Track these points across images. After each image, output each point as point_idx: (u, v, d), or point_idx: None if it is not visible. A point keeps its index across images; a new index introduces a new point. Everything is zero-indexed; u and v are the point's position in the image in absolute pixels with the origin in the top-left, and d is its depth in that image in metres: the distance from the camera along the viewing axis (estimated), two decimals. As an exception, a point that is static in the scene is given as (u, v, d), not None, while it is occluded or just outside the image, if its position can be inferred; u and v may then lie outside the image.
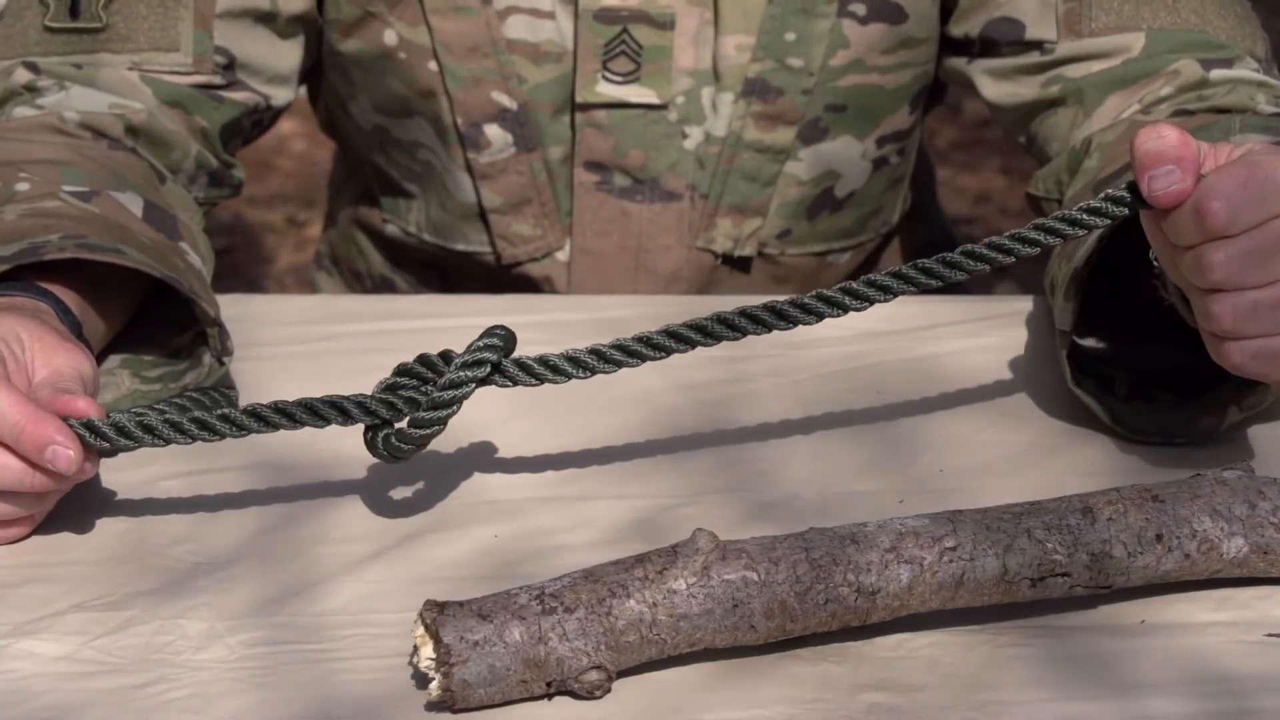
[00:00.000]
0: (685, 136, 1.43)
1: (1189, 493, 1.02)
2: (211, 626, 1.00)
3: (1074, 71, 1.34)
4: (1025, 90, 1.36)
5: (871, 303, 1.06)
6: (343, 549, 1.07)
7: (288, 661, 0.97)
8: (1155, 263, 1.10)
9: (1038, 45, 1.35)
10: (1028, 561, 0.98)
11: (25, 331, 1.08)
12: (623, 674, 0.95)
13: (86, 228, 1.17)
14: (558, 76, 1.41)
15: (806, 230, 1.48)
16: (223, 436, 1.05)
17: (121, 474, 1.13)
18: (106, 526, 1.08)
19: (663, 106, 1.41)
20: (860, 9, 1.40)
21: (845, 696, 0.95)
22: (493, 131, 1.42)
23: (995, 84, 1.39)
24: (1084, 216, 1.05)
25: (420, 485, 1.13)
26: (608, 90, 1.40)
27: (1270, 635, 1.01)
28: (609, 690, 0.94)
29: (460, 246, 1.49)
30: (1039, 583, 0.99)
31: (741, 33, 1.39)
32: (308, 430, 1.17)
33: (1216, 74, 1.30)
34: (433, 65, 1.41)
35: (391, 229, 1.53)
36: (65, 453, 1.03)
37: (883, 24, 1.41)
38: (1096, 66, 1.33)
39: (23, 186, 1.21)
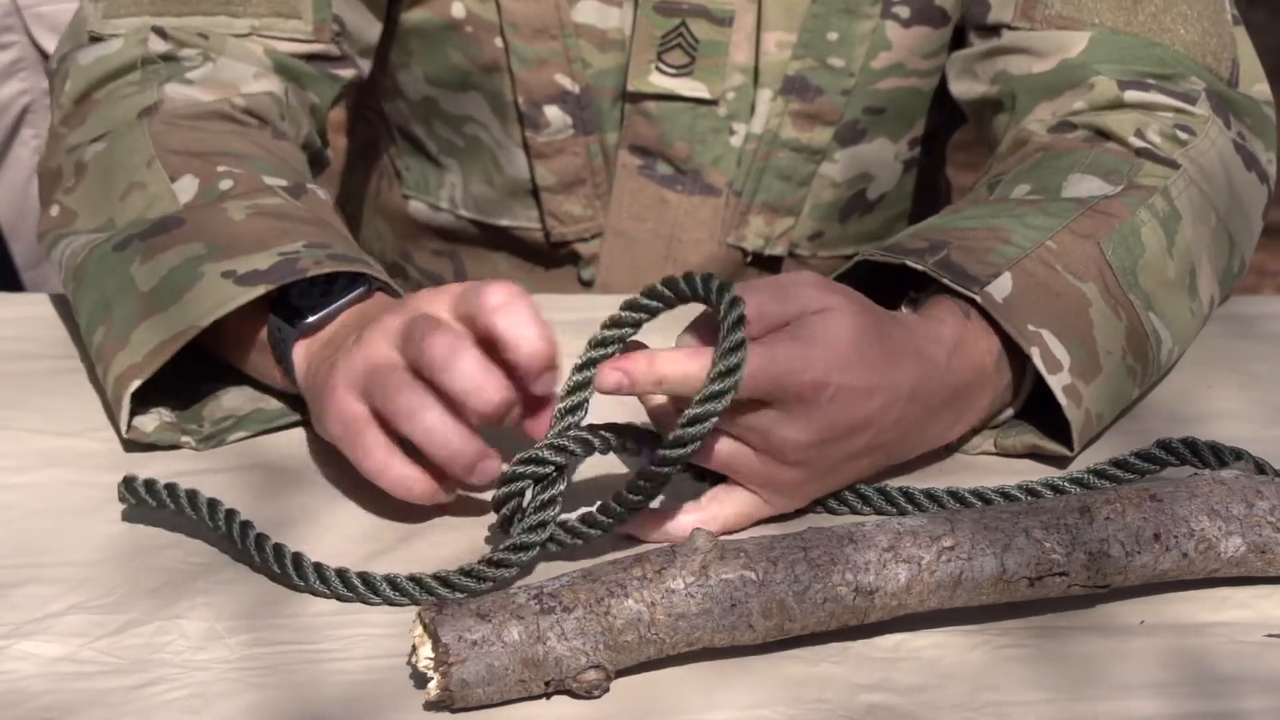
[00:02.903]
0: (733, 133, 1.43)
1: (1187, 492, 1.02)
2: (211, 626, 1.00)
3: (1015, 68, 1.34)
4: (978, 86, 1.37)
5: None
6: (343, 549, 1.06)
7: (287, 661, 0.97)
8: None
9: (995, 29, 1.35)
10: (1026, 561, 0.98)
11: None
12: (621, 673, 0.95)
13: (320, 233, 1.16)
14: (621, 64, 1.41)
15: (838, 233, 1.49)
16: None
17: (121, 474, 1.13)
18: (106, 527, 1.08)
19: (713, 102, 1.41)
20: (904, 11, 1.40)
21: (845, 696, 0.95)
22: (552, 112, 1.43)
23: (957, 80, 1.39)
24: None
25: (420, 485, 1.13)
26: (659, 81, 1.41)
27: (1270, 635, 1.01)
28: (607, 690, 0.94)
29: (505, 222, 1.49)
30: (1037, 582, 0.99)
31: (783, 30, 1.40)
32: (308, 430, 1.17)
33: (1131, 95, 1.29)
34: (498, 42, 1.41)
35: (415, 205, 1.53)
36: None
37: (926, 27, 1.41)
38: (1036, 67, 1.32)
39: (226, 184, 1.20)
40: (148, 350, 1.12)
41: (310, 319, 1.12)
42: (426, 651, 0.92)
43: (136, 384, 1.12)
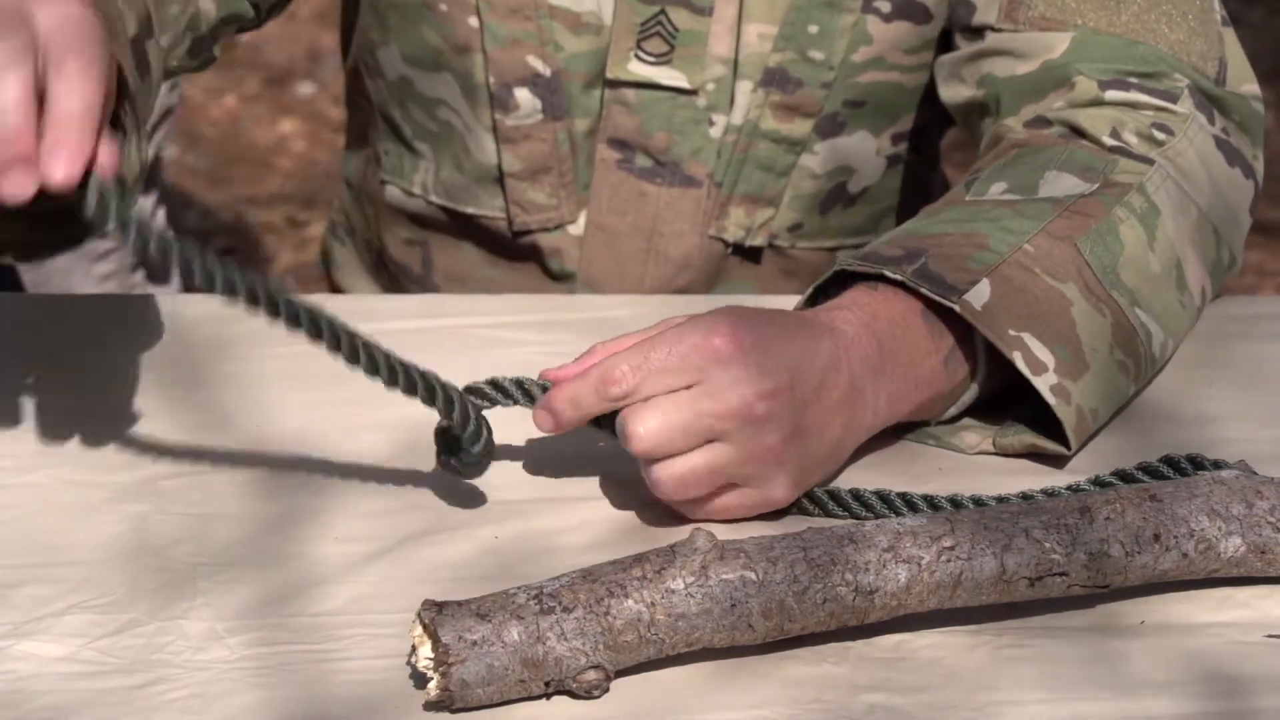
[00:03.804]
0: (712, 124, 1.43)
1: (1186, 492, 1.02)
2: (211, 626, 1.00)
3: (1000, 70, 1.34)
4: (964, 90, 1.37)
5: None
6: (343, 549, 1.06)
7: (287, 662, 0.97)
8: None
9: (980, 32, 1.36)
10: (1026, 561, 0.98)
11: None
12: (621, 673, 0.95)
13: None
14: (594, 49, 1.41)
15: (818, 225, 1.48)
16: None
17: (121, 474, 1.13)
18: (106, 526, 1.08)
19: (692, 92, 1.41)
20: (885, 6, 1.40)
21: (845, 697, 0.95)
22: (522, 95, 1.42)
23: (945, 84, 1.39)
24: None
25: (420, 485, 1.13)
26: (639, 69, 1.41)
27: (1270, 636, 1.01)
28: (607, 690, 0.94)
29: (470, 209, 1.49)
30: (1037, 582, 0.99)
31: (765, 21, 1.40)
32: (307, 430, 1.17)
33: (1111, 94, 1.29)
34: (473, 21, 1.41)
35: (391, 191, 1.53)
36: (62, 173, 0.92)
37: (907, 23, 1.41)
38: (1019, 69, 1.33)
39: None
40: None
41: None
42: (426, 651, 0.92)
43: None
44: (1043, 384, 1.12)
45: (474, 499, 1.11)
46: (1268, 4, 3.38)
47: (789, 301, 1.22)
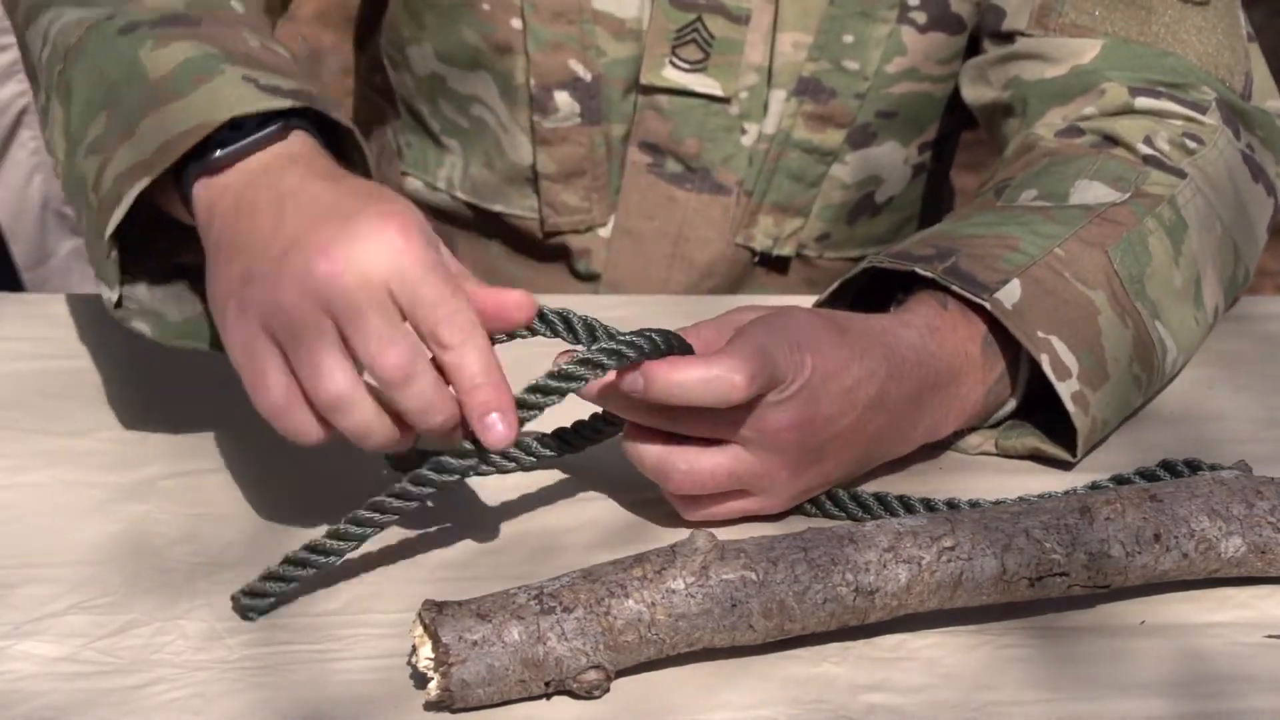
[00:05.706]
0: (744, 132, 1.43)
1: (1187, 492, 1.02)
2: (211, 626, 1.00)
3: (1028, 73, 1.34)
4: (990, 91, 1.37)
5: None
6: (342, 549, 1.07)
7: (287, 662, 0.97)
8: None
9: (1009, 36, 1.36)
10: (1026, 561, 0.98)
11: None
12: (621, 674, 0.95)
13: (302, 79, 1.09)
14: (635, 55, 1.41)
15: (845, 234, 1.49)
16: None
17: (122, 474, 1.13)
18: (106, 526, 1.08)
19: (725, 100, 1.41)
20: (920, 17, 1.40)
21: (845, 697, 0.95)
22: (562, 98, 1.42)
23: (970, 85, 1.39)
24: None
25: (420, 485, 1.13)
26: (673, 76, 1.41)
27: (1270, 636, 1.01)
28: (607, 690, 0.94)
29: (498, 208, 1.49)
30: (1037, 582, 0.99)
31: (799, 30, 1.40)
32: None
33: (1142, 102, 1.29)
34: (516, 23, 1.41)
35: (412, 183, 1.52)
36: (500, 430, 0.96)
37: (942, 33, 1.41)
38: (1048, 72, 1.33)
39: (238, 8, 1.16)
40: (157, 146, 1.04)
41: (219, 153, 1.03)
42: (427, 652, 0.92)
43: (144, 182, 1.04)
44: (1065, 390, 1.12)
45: (474, 499, 1.11)
46: (1269, 4, 3.38)
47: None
